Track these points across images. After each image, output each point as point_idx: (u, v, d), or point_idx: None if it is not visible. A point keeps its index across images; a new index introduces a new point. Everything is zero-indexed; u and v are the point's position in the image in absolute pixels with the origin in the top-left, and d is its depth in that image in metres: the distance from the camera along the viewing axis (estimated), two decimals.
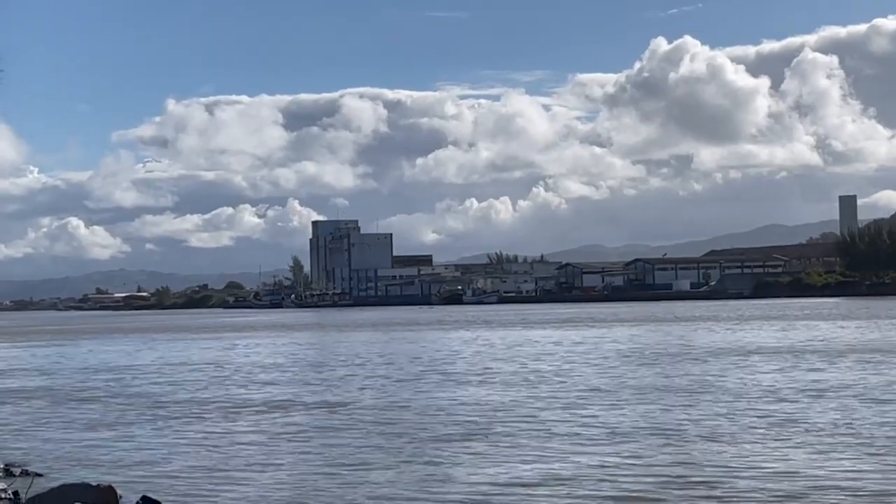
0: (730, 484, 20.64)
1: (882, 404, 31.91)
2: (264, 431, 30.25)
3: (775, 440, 25.61)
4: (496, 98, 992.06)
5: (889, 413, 29.93)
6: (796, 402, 33.16)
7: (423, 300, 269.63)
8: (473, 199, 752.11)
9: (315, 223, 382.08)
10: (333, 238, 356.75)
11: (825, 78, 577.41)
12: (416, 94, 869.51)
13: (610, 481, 21.25)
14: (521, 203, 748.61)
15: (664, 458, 23.68)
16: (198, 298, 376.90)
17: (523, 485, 21.22)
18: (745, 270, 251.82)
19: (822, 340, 64.72)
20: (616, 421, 29.88)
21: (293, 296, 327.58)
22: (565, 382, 42.08)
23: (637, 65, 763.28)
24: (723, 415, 30.50)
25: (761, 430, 27.22)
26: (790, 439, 25.66)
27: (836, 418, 29.11)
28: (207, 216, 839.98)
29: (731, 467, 22.26)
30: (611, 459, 23.66)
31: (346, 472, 23.14)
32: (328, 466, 24.03)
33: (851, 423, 28.01)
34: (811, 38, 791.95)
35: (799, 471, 21.67)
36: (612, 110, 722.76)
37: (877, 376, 40.88)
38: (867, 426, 27.47)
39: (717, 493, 19.96)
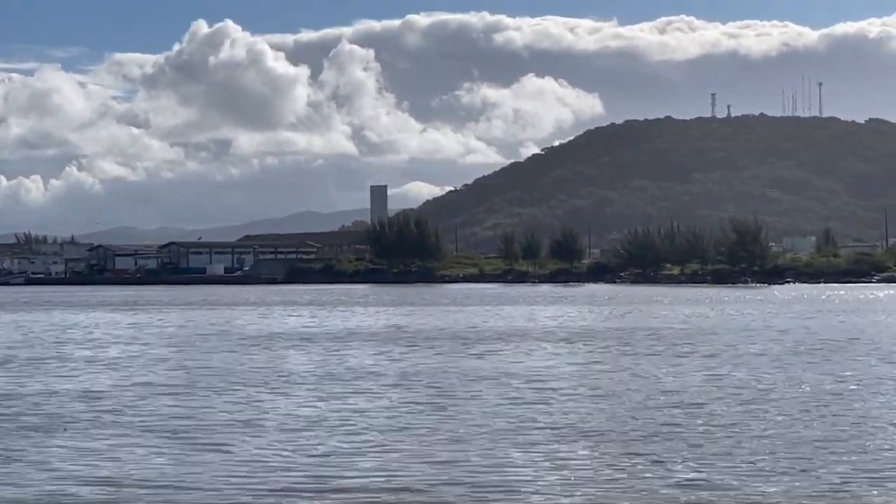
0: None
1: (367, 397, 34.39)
2: None
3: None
4: (29, 73, 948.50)
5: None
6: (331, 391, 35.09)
7: None
8: (2, 177, 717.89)
9: None
10: None
11: (361, 70, 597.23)
12: None
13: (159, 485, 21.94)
14: (54, 182, 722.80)
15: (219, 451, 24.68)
16: None
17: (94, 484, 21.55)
18: (279, 256, 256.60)
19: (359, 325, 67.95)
20: (172, 412, 30.46)
21: None
22: (130, 369, 41.82)
23: (177, 47, 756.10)
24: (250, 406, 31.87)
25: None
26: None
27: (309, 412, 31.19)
28: None
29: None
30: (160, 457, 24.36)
31: None
32: None
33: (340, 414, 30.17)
34: (348, 31, 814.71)
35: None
36: (151, 91, 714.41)
37: (398, 362, 43.66)
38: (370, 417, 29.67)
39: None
